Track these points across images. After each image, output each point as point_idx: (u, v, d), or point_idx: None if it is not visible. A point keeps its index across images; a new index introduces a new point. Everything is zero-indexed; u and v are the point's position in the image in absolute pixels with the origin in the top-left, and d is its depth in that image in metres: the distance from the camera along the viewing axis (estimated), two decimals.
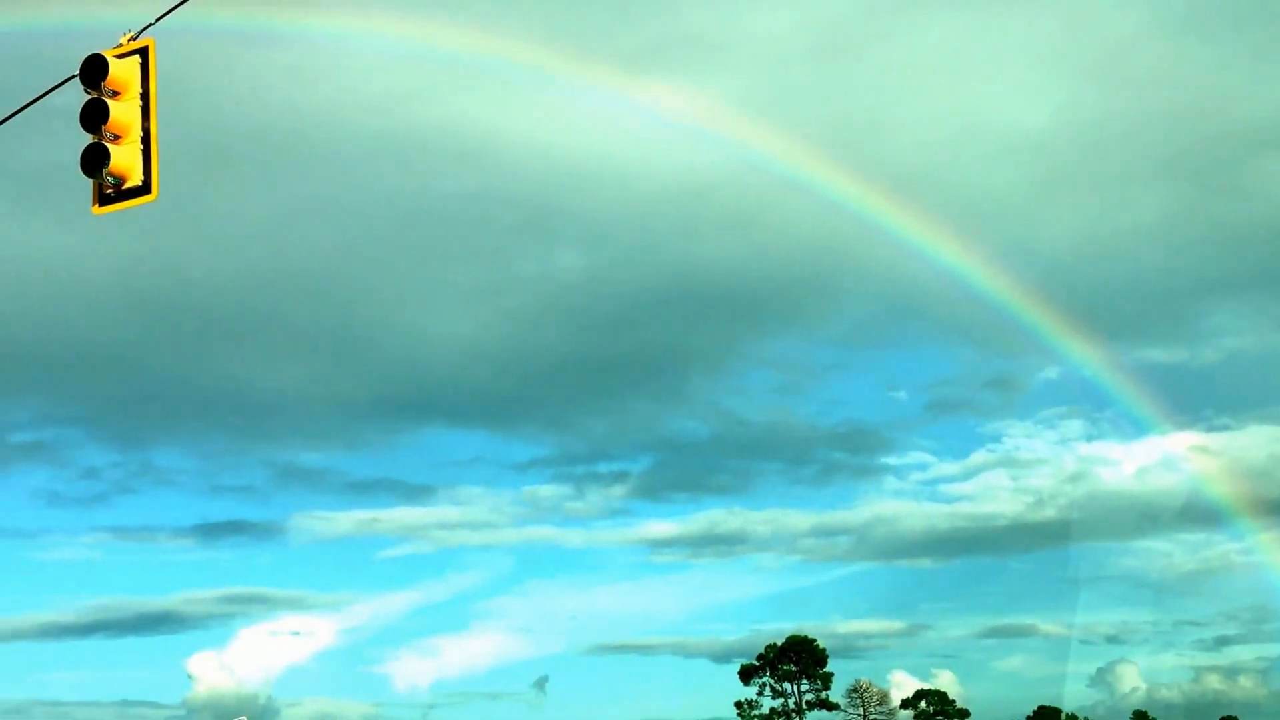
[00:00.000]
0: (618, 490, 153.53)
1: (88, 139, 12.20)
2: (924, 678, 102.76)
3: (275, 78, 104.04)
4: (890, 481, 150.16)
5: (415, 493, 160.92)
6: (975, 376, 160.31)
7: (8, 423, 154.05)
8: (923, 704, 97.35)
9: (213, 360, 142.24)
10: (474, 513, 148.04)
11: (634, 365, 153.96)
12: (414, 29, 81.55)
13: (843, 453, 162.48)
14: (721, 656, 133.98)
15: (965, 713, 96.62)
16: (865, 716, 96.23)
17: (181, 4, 12.20)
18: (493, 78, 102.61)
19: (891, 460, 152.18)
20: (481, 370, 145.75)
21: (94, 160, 11.96)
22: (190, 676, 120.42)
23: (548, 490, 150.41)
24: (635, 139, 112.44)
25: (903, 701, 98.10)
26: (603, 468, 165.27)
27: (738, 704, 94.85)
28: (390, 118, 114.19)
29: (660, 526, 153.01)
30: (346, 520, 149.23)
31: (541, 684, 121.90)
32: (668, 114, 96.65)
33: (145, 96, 12.12)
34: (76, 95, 12.56)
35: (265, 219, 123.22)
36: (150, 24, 12.37)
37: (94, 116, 11.95)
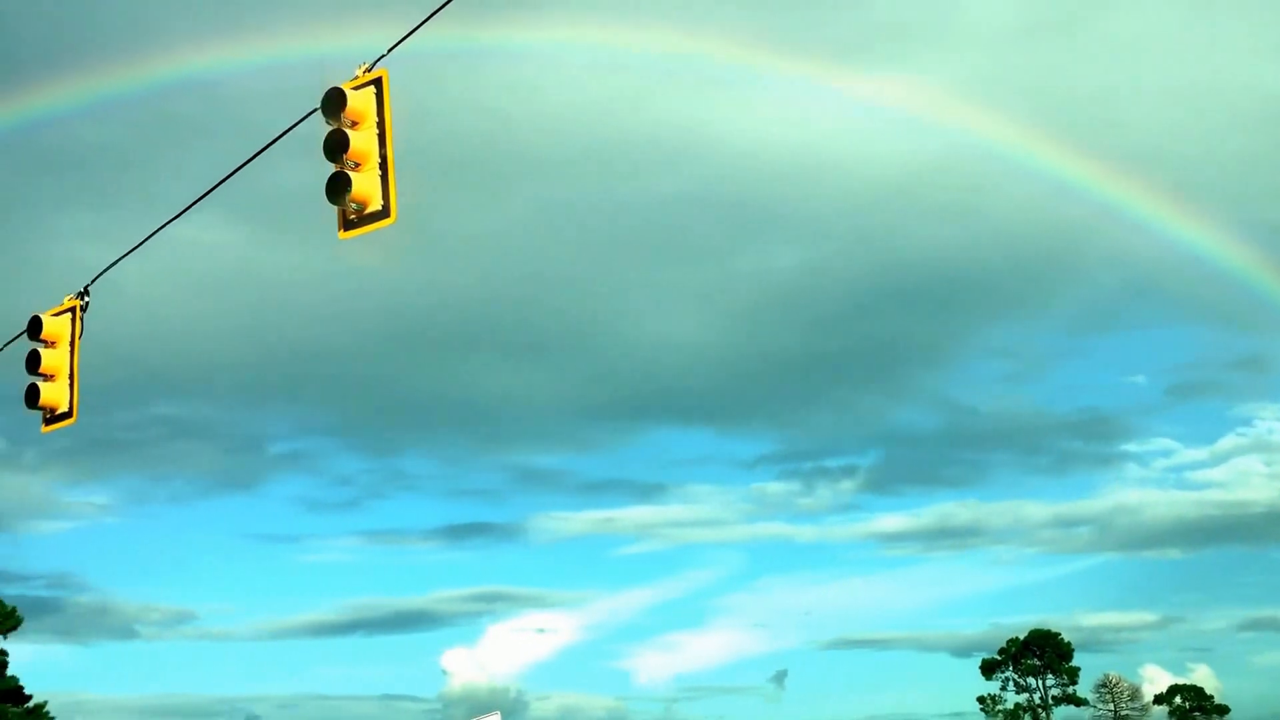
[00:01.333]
0: (847, 485, 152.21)
1: (329, 165, 12.93)
2: (1178, 673, 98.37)
3: (495, 93, 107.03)
4: (1132, 469, 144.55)
5: (647, 492, 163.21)
6: (1221, 357, 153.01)
7: (269, 435, 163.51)
8: (1178, 699, 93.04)
9: (454, 370, 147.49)
10: (704, 510, 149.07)
11: (857, 359, 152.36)
12: (624, 37, 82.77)
13: (1080, 441, 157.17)
14: (961, 651, 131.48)
15: (1225, 709, 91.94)
16: (1116, 712, 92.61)
17: (410, 35, 12.82)
18: (704, 79, 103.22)
19: (1132, 447, 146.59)
20: (705, 370, 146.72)
21: (337, 188, 12.68)
22: (445, 672, 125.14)
23: (776, 486, 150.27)
24: (849, 131, 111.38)
25: (1155, 697, 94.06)
26: (830, 463, 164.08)
27: (980, 699, 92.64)
28: (607, 125, 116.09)
29: (892, 520, 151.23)
30: (582, 520, 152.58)
31: (780, 678, 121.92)
32: (881, 104, 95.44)
33: (381, 124, 12.77)
34: (317, 123, 13.37)
35: (495, 231, 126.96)
36: (382, 55, 13.02)
37: (335, 147, 12.65)
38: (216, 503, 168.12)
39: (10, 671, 57.73)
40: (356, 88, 12.89)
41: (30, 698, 57.81)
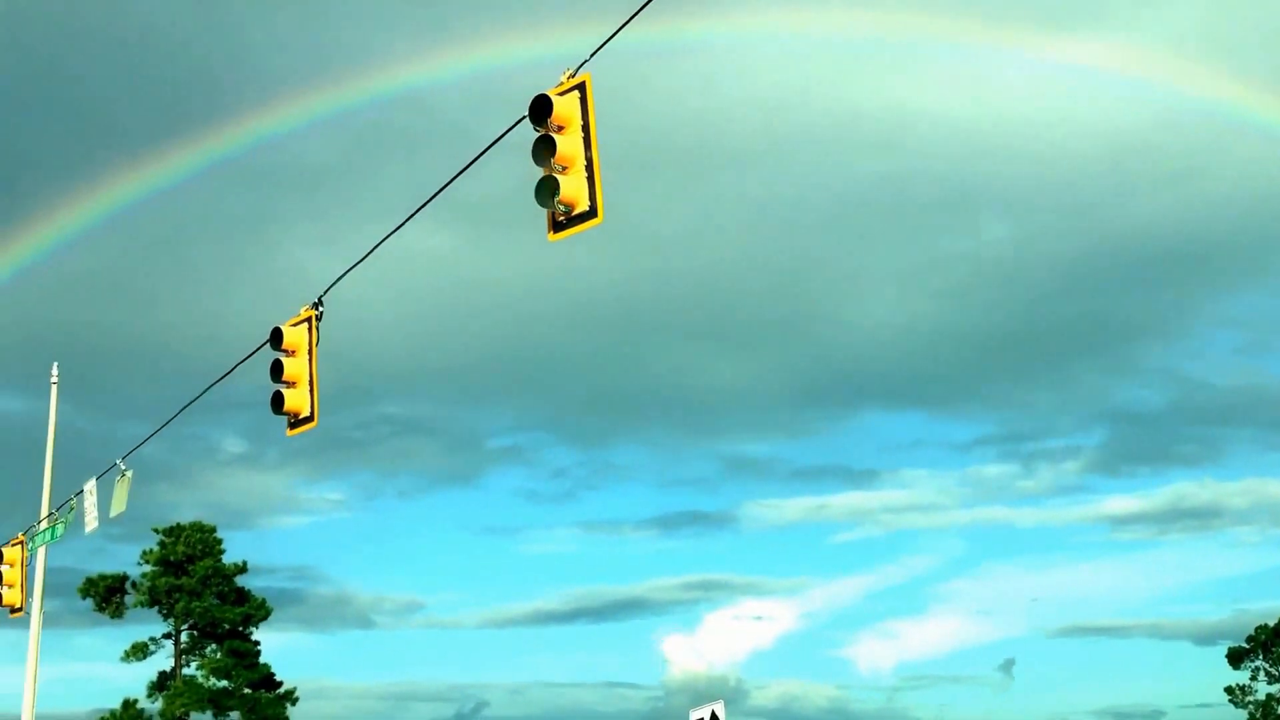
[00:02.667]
0: (1070, 466, 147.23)
1: (535, 168, 13.43)
2: None
3: (693, 87, 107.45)
4: None
5: (860, 477, 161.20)
6: None
7: (487, 430, 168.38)
8: None
9: (662, 362, 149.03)
10: (920, 495, 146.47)
11: (1076, 335, 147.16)
12: (818, 21, 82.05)
13: None
14: (1204, 639, 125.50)
15: None
16: None
17: (610, 40, 13.20)
18: (904, 57, 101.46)
19: None
20: (916, 352, 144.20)
21: (546, 192, 13.14)
22: (665, 659, 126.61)
23: (994, 469, 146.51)
24: (1058, 100, 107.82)
25: None
26: (1052, 443, 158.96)
27: (1229, 690, 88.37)
28: (800, 110, 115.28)
29: (1121, 502, 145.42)
30: (795, 507, 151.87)
31: (1008, 667, 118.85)
32: (1092, 70, 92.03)
33: (586, 128, 13.18)
34: (521, 127, 13.89)
35: (700, 223, 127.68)
36: (584, 61, 13.44)
37: (543, 152, 13.12)
38: (441, 496, 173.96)
39: (262, 660, 61.10)
40: (561, 93, 13.34)
41: (281, 684, 61.10)
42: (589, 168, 13.14)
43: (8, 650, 74.99)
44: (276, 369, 17.37)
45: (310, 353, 17.47)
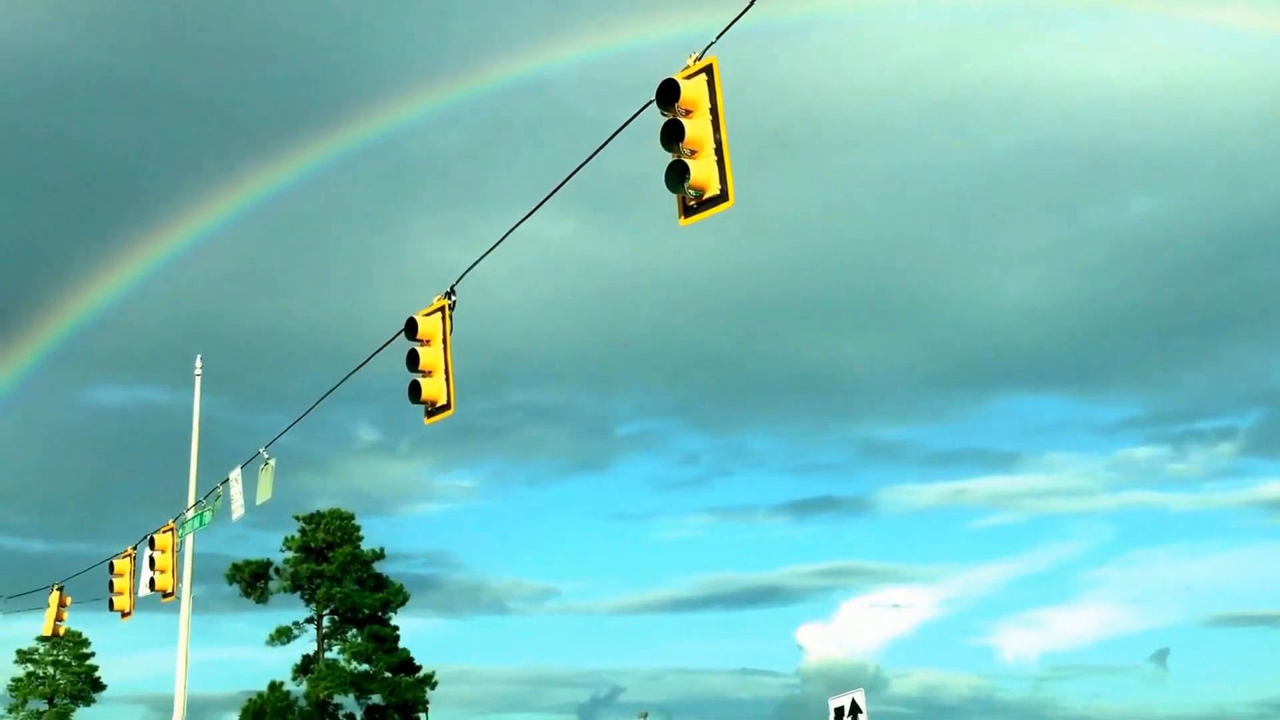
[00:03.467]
0: (1225, 449, 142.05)
1: (660, 152, 13.30)
2: None
3: (819, 63, 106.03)
4: None
5: (1000, 461, 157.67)
6: None
7: (616, 417, 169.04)
8: None
9: (793, 345, 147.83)
10: (1064, 479, 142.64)
11: (1229, 311, 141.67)
12: None
13: None
14: None
15: None
16: None
17: (735, 22, 13.01)
18: (1041, 23, 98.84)
19: None
20: (1058, 331, 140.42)
21: (676, 176, 13.00)
22: (800, 647, 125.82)
23: (1143, 452, 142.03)
24: (1207, 63, 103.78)
25: None
26: (1204, 425, 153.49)
27: None
28: (939, 83, 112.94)
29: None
30: (932, 492, 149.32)
31: (1161, 658, 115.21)
32: (1245, 29, 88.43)
33: (714, 111, 13.02)
34: (646, 111, 13.78)
35: (830, 202, 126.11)
36: (710, 43, 13.27)
37: (672, 136, 12.98)
38: (571, 483, 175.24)
39: (401, 644, 62.29)
40: (688, 76, 13.19)
41: (420, 668, 62.25)
42: (718, 151, 12.98)
43: (160, 634, 77.79)
44: (412, 358, 17.50)
45: (444, 341, 17.56)
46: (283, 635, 61.20)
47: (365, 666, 60.67)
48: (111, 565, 33.21)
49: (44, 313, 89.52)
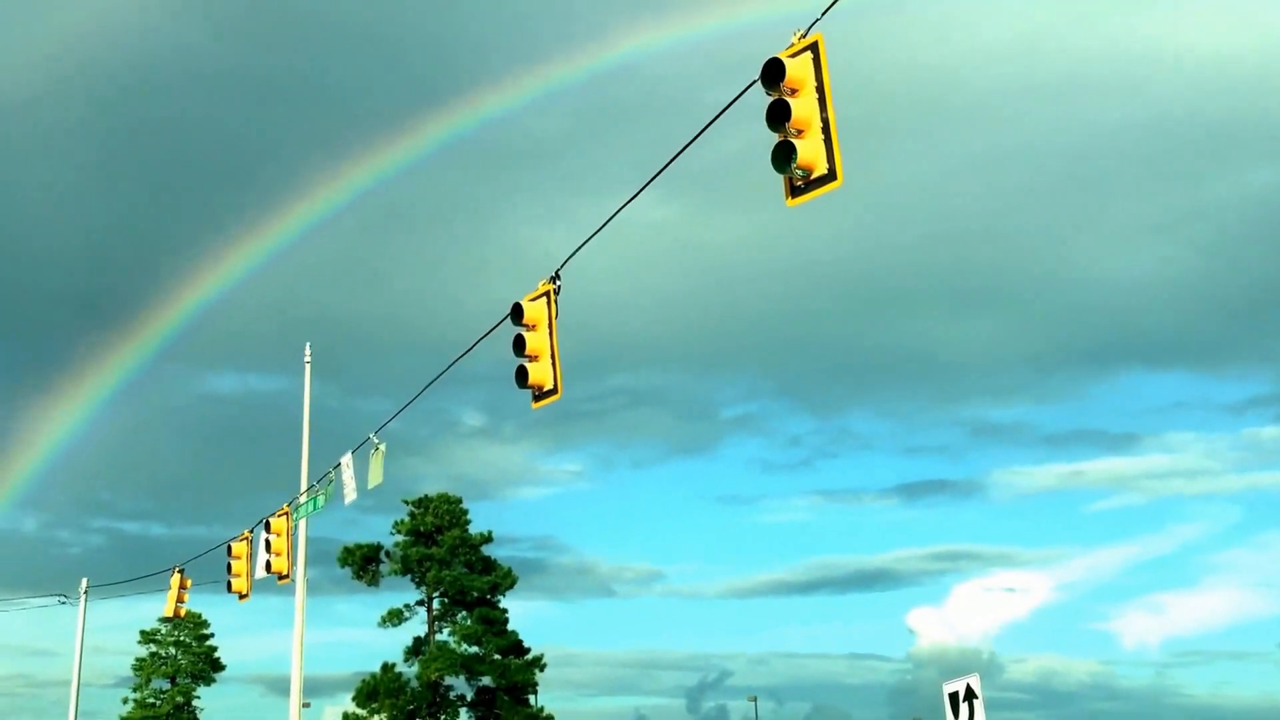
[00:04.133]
0: None
1: (761, 133, 13.16)
2: None
3: (925, 38, 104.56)
4: None
5: (1118, 442, 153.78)
6: None
7: (720, 399, 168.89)
8: None
9: (900, 326, 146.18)
10: (1187, 460, 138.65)
11: None
12: None
13: None
14: None
15: None
16: None
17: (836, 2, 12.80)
18: None
19: None
20: (1177, 307, 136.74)
21: (783, 157, 12.86)
22: (911, 631, 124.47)
23: (1272, 431, 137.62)
24: None
25: None
26: None
27: None
28: (1049, 56, 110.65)
29: None
30: (1047, 474, 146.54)
31: None
32: None
33: (820, 89, 12.84)
34: (749, 92, 13.63)
35: (937, 181, 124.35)
36: (816, 20, 13.08)
37: (778, 116, 12.83)
38: (675, 467, 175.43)
39: (510, 627, 62.89)
40: (793, 55, 13.01)
41: (529, 650, 62.80)
42: (825, 130, 12.81)
43: (276, 616, 79.55)
44: (519, 344, 17.59)
45: (550, 326, 17.64)
46: (394, 617, 62.13)
47: (475, 649, 61.35)
48: (229, 548, 33.96)
49: (160, 304, 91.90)
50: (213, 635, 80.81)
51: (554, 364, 17.56)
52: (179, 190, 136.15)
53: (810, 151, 12.75)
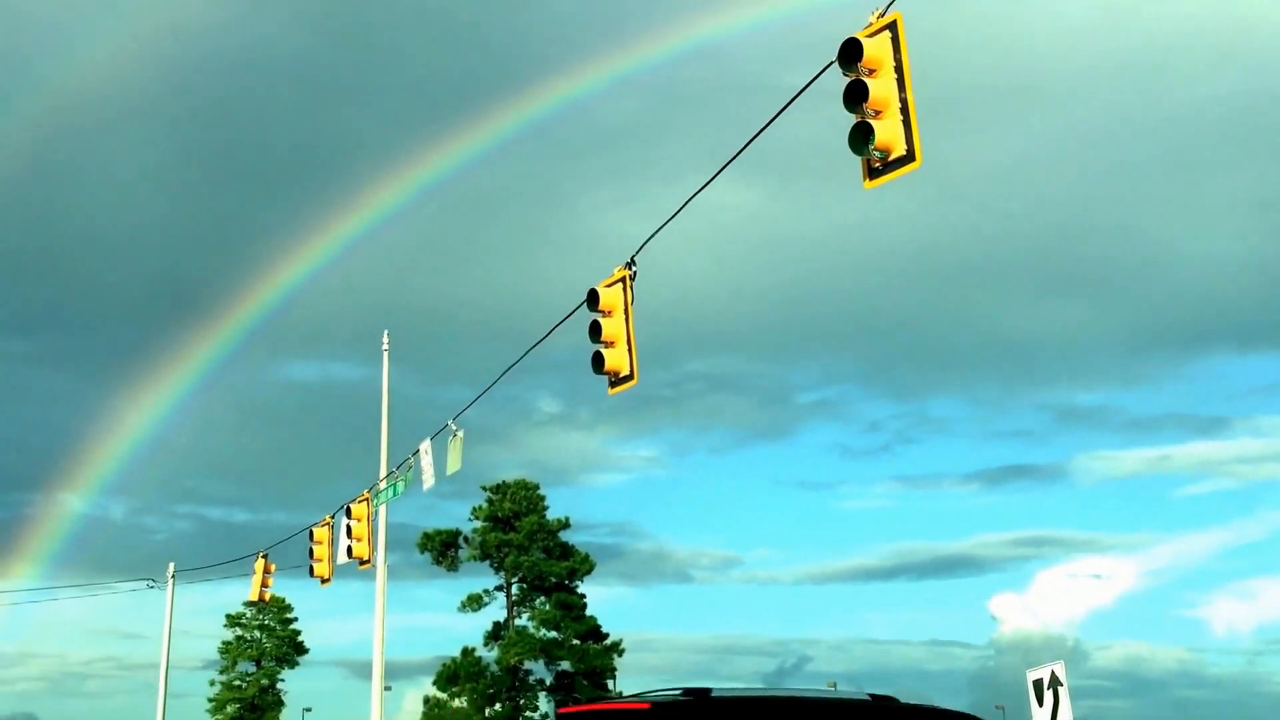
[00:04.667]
0: None
1: (835, 115, 12.99)
2: None
3: (999, 16, 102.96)
4: None
5: (1207, 426, 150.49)
6: None
7: (796, 385, 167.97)
8: None
9: (980, 308, 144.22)
10: None
11: None
12: None
13: None
14: None
15: None
16: None
17: None
18: None
19: None
20: (1268, 287, 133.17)
21: (860, 138, 12.68)
22: (994, 618, 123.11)
23: None
24: None
25: None
26: None
27: None
28: (1134, 29, 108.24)
29: None
30: (1133, 459, 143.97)
31: None
32: None
33: (899, 69, 12.64)
34: (825, 74, 13.45)
35: (1016, 160, 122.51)
36: (892, 1, 12.88)
37: (855, 97, 12.65)
38: (752, 452, 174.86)
39: (588, 612, 63.20)
40: (871, 35, 12.81)
41: (607, 635, 63.10)
42: (904, 110, 12.60)
43: (357, 600, 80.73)
44: (595, 329, 17.56)
45: (626, 312, 17.59)
46: (473, 602, 62.72)
47: (554, 634, 61.74)
48: (311, 534, 34.39)
49: (239, 293, 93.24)
50: (296, 619, 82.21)
51: (630, 350, 17.52)
52: (260, 180, 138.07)
53: (888, 132, 12.55)
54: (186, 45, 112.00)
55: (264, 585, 40.94)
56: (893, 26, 12.77)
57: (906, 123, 12.57)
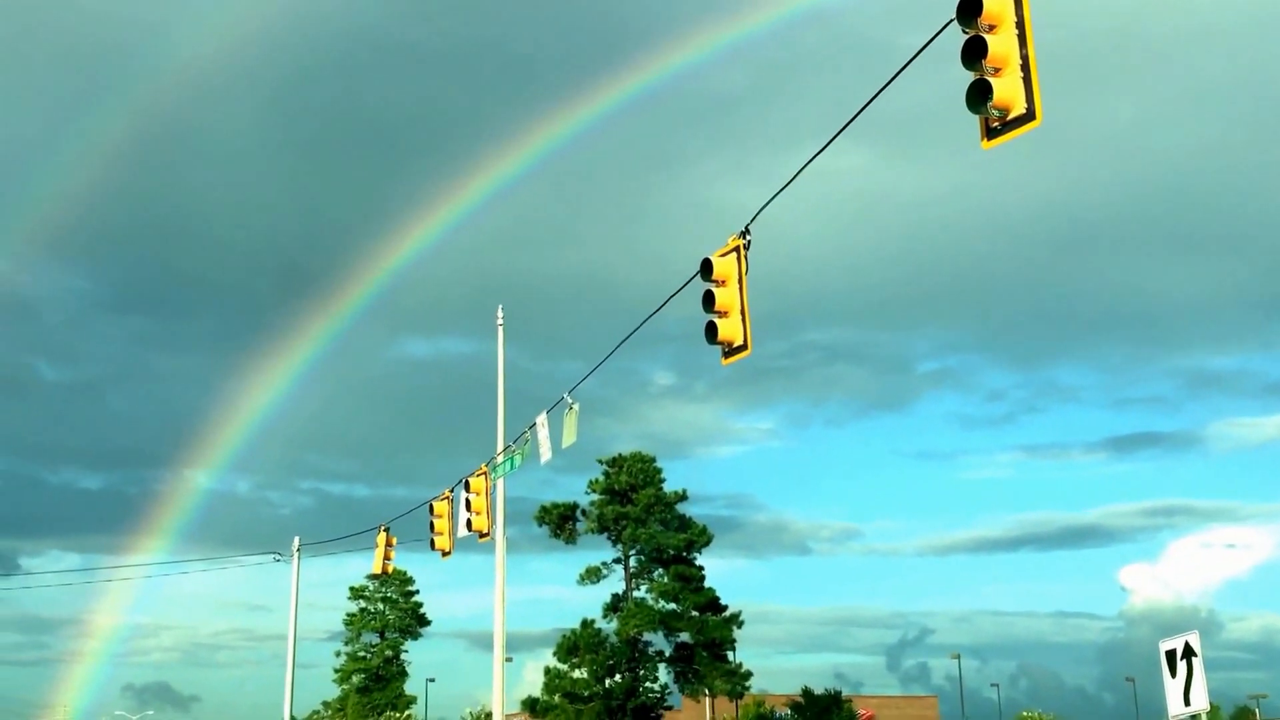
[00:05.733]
0: None
1: (957, 76, 12.60)
2: None
3: None
4: None
5: None
6: None
7: (914, 354, 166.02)
8: None
9: (1107, 272, 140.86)
10: None
11: None
12: None
13: None
14: None
15: None
16: None
17: None
18: None
19: None
20: None
21: (978, 96, 12.32)
22: (1123, 589, 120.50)
23: None
24: None
25: None
26: None
27: None
28: None
29: None
30: (1272, 425, 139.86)
31: None
32: None
33: (1020, 24, 12.24)
34: (942, 35, 13.07)
35: (1142, 118, 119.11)
36: None
37: (974, 53, 12.29)
38: (871, 423, 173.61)
39: (706, 584, 63.20)
40: None
41: (725, 607, 63.04)
42: (1024, 67, 12.21)
43: (477, 573, 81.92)
44: (708, 300, 17.39)
45: (740, 282, 17.38)
46: (592, 575, 63.08)
47: (673, 605, 61.86)
48: (431, 507, 34.81)
49: (354, 272, 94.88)
50: (418, 592, 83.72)
51: (744, 320, 17.32)
52: (373, 161, 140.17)
53: (1008, 90, 12.16)
54: (301, 24, 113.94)
55: (386, 558, 41.59)
56: None
57: (1027, 80, 12.18)
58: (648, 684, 61.87)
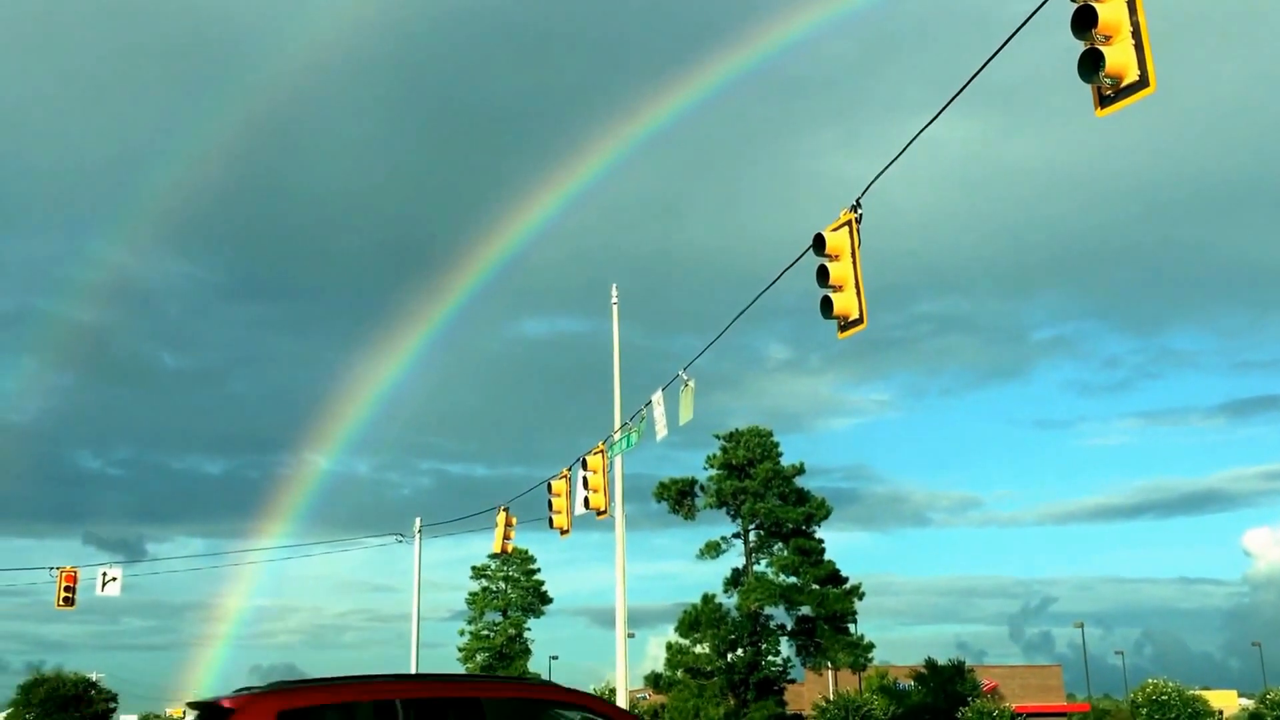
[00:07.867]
0: None
1: (1065, 43, 12.53)
2: None
3: None
4: None
5: None
6: None
7: (1029, 322, 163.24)
8: None
9: (1222, 235, 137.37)
10: None
11: None
12: None
13: None
14: None
15: None
16: None
17: None
18: None
19: None
20: None
21: (1090, 65, 12.24)
22: (1247, 554, 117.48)
23: None
24: None
25: None
26: None
27: None
28: None
29: None
30: None
31: None
32: None
33: None
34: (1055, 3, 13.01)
35: (1249, 83, 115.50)
36: None
37: (1084, 22, 12.21)
38: (987, 393, 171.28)
39: (826, 557, 63.12)
40: None
41: (846, 580, 62.92)
42: (1136, 34, 12.11)
43: (597, 550, 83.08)
44: (822, 274, 17.48)
45: (853, 255, 17.45)
46: (711, 550, 63.35)
47: (793, 579, 61.91)
48: (549, 486, 35.39)
49: (468, 253, 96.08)
50: (539, 570, 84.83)
51: (858, 293, 17.38)
52: (490, 144, 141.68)
53: (1120, 57, 12.07)
54: (419, 7, 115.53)
55: (506, 537, 42.39)
56: None
57: (1139, 46, 12.07)
58: (770, 658, 62.06)
